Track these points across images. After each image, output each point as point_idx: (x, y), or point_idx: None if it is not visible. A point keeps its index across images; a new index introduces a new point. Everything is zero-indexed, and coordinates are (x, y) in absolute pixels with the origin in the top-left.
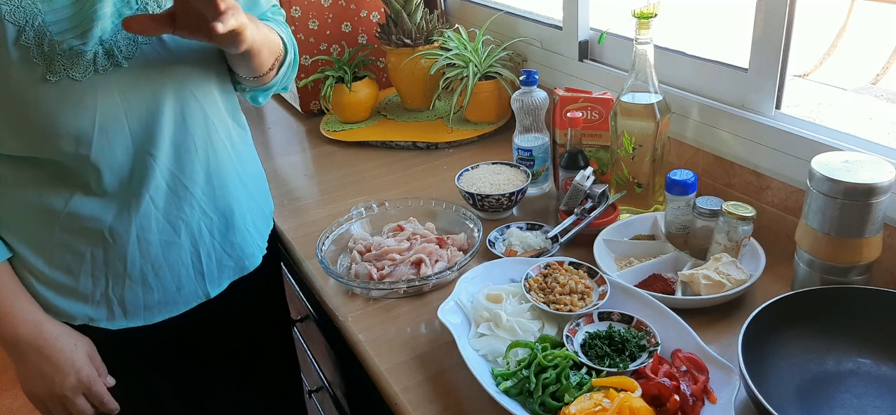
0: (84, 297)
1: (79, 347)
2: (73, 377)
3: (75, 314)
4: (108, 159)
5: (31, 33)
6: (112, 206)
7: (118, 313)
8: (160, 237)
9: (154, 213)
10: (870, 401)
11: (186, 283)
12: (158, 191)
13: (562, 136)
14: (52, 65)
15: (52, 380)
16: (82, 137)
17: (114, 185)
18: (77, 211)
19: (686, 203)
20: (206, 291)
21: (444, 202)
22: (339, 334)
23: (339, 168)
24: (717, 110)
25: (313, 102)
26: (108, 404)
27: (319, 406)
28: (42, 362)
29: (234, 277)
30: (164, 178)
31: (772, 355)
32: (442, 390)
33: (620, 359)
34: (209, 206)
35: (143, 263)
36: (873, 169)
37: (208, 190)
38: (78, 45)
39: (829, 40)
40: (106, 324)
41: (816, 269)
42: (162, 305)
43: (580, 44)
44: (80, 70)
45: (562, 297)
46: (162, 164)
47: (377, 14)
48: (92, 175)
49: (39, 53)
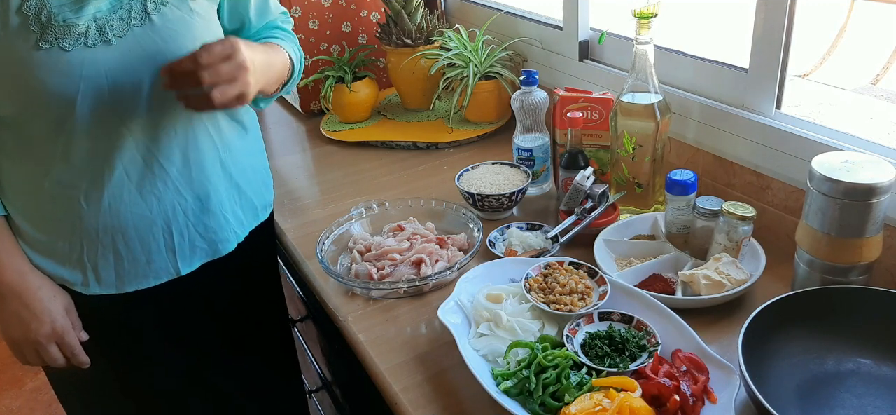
0: (61, 259)
1: (57, 299)
2: (48, 326)
3: (52, 274)
4: (86, 126)
5: (33, 3)
6: (87, 172)
7: (92, 279)
8: (131, 208)
9: (126, 183)
10: (870, 401)
11: (156, 257)
12: (134, 164)
13: (562, 136)
14: (45, 33)
15: (28, 326)
16: (64, 102)
17: (91, 151)
18: (58, 177)
19: (686, 203)
20: (176, 268)
21: (445, 202)
22: (340, 334)
23: (339, 168)
24: (718, 110)
25: (313, 102)
26: (78, 356)
27: (319, 406)
28: (21, 308)
29: (207, 258)
30: (139, 151)
31: (772, 355)
32: (442, 390)
33: (620, 359)
34: (184, 186)
35: (115, 233)
36: (873, 169)
37: (184, 171)
38: (71, 18)
39: (830, 40)
40: (81, 289)
41: (817, 269)
42: (132, 276)
43: (580, 44)
44: (70, 41)
45: (562, 297)
46: (138, 139)
47: (377, 14)
48: (71, 140)
49: (36, 22)
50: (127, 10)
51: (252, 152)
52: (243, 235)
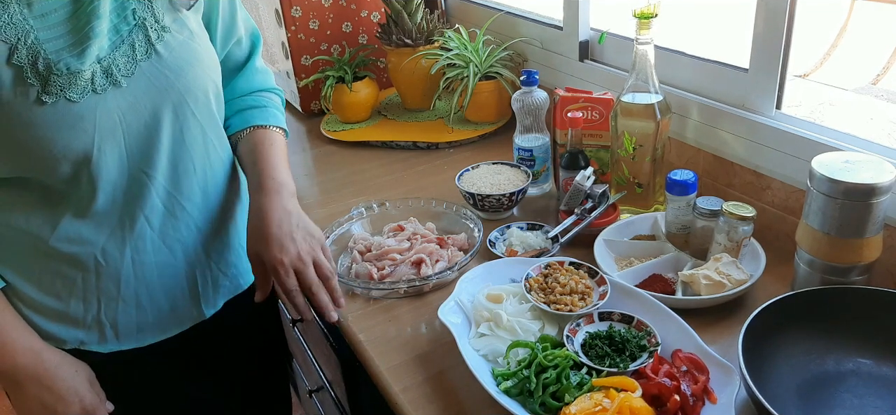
0: (75, 321)
1: (80, 374)
2: (76, 406)
3: (66, 339)
4: (104, 180)
5: (24, 52)
6: (105, 227)
7: (110, 335)
8: (155, 258)
9: (149, 233)
10: (870, 401)
11: (181, 303)
12: (154, 211)
13: (562, 136)
14: (47, 86)
15: (54, 410)
16: (80, 158)
17: (107, 205)
18: (67, 234)
19: (686, 203)
20: (201, 312)
21: (445, 202)
22: (340, 334)
23: (339, 168)
24: (718, 110)
25: (313, 102)
26: None
27: (319, 406)
28: (42, 392)
29: (229, 296)
30: (160, 198)
31: (772, 356)
32: (442, 390)
33: (621, 359)
34: (204, 224)
35: (137, 285)
36: (874, 169)
37: (204, 208)
38: (75, 65)
39: (830, 40)
40: (97, 347)
41: (817, 269)
42: (155, 327)
43: (581, 44)
44: (77, 91)
45: (562, 297)
46: (158, 183)
47: (378, 14)
48: (86, 196)
49: (34, 73)
50: (130, 45)
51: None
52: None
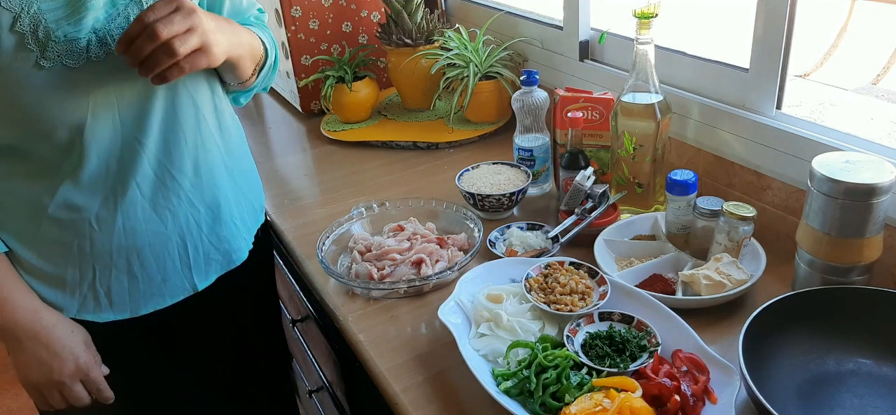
0: (72, 288)
1: (76, 334)
2: (71, 363)
3: (63, 306)
4: (98, 145)
5: (27, 20)
6: (98, 193)
7: (104, 304)
8: (146, 225)
9: (140, 200)
10: (870, 401)
11: (172, 274)
12: (145, 179)
13: (562, 136)
14: (46, 51)
15: (50, 367)
16: (74, 122)
17: (102, 172)
18: (64, 201)
19: (687, 203)
20: (193, 284)
21: (445, 202)
22: (340, 334)
23: (339, 168)
24: (718, 110)
25: (314, 102)
26: (104, 392)
27: (320, 406)
28: (39, 349)
29: (222, 270)
30: (151, 166)
31: (772, 356)
32: (442, 390)
33: (621, 359)
34: (197, 197)
35: (129, 252)
36: (874, 169)
37: (196, 182)
38: (72, 32)
39: (830, 40)
40: (93, 316)
41: (817, 269)
42: (148, 296)
43: (581, 44)
44: (74, 57)
45: (562, 297)
46: (150, 152)
47: (378, 14)
48: (80, 162)
49: (34, 40)
50: (125, 17)
51: (245, 153)
52: (251, 240)
